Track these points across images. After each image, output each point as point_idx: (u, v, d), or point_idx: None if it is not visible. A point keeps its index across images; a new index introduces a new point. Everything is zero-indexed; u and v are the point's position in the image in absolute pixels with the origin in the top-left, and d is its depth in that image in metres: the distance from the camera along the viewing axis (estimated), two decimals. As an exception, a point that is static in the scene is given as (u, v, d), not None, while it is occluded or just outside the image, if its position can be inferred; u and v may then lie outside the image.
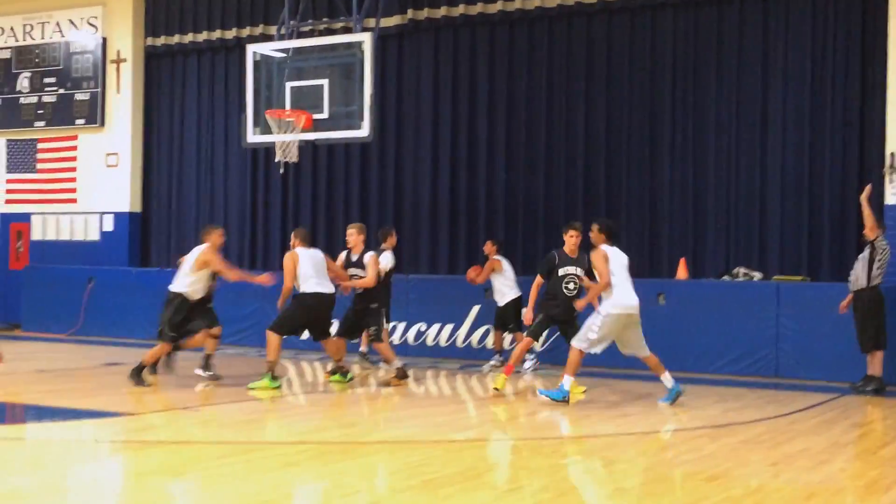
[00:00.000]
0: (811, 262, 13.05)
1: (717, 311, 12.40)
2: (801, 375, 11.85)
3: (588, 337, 9.71)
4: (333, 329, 11.33)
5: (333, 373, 11.15)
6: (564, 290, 10.59)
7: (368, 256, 11.35)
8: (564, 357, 12.93)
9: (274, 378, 10.49)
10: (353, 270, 11.33)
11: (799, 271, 12.91)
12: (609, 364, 12.55)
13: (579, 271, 10.58)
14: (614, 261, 9.76)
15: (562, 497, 6.17)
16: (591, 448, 7.78)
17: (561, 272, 10.62)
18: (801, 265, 13.06)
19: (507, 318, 12.57)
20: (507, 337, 12.82)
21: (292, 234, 11.14)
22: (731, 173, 13.60)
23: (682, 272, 13.16)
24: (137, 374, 10.57)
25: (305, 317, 10.79)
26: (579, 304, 10.20)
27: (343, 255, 11.59)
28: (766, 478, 6.84)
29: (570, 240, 10.71)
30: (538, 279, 10.88)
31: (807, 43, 13.18)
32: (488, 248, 12.97)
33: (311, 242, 11.09)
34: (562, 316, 10.65)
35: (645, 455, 7.67)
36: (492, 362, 12.64)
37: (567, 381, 9.66)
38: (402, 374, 11.22)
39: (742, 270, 13.01)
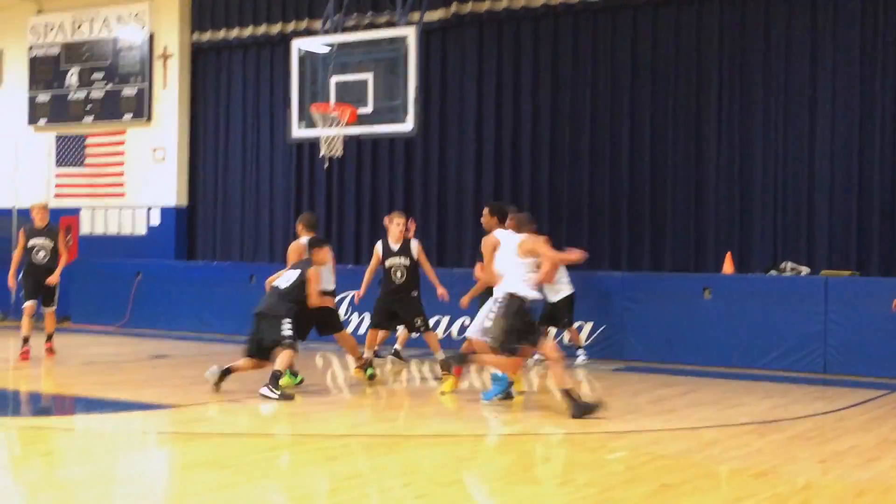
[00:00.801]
0: (860, 257, 12.87)
1: (764, 306, 12.27)
2: (849, 371, 11.70)
3: (485, 326, 9.24)
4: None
5: (363, 368, 10.96)
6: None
7: (416, 244, 11.33)
8: (612, 351, 13.01)
9: (293, 374, 10.24)
10: (394, 260, 11.30)
11: (847, 266, 12.73)
12: (654, 359, 12.50)
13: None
14: (506, 247, 9.30)
15: (608, 492, 6.14)
16: (638, 443, 7.74)
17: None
18: (850, 259, 12.88)
19: (559, 314, 12.42)
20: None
21: (297, 220, 10.79)
22: (779, 166, 13.44)
23: (728, 267, 13.04)
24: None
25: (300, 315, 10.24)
26: (463, 301, 9.71)
27: (379, 245, 11.53)
28: (814, 475, 6.77)
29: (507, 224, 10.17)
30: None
31: (856, 33, 12.98)
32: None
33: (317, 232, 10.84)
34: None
35: (691, 451, 7.61)
36: (580, 359, 12.54)
37: (497, 374, 9.38)
38: (445, 366, 11.23)
39: (789, 265, 12.86)
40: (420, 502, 5.92)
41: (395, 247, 11.28)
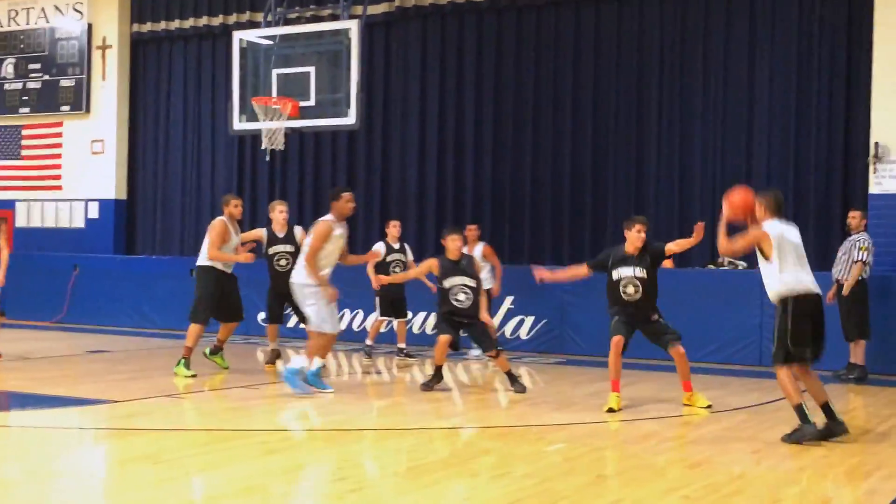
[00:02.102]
0: (796, 251, 13.07)
1: (702, 300, 12.43)
2: (784, 364, 11.87)
3: (322, 317, 9.40)
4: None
5: (213, 352, 11.02)
6: (623, 296, 9.08)
7: (300, 231, 11.27)
8: (553, 345, 13.11)
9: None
10: (280, 247, 11.29)
11: (783, 260, 12.92)
12: (594, 352, 12.60)
13: (639, 272, 9.06)
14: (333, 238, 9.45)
15: (545, 483, 6.19)
16: (575, 435, 7.81)
17: (615, 276, 9.14)
18: (786, 254, 13.08)
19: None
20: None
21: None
22: (717, 162, 13.64)
23: (667, 261, 13.15)
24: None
25: None
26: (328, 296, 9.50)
27: (263, 232, 11.49)
28: (748, 465, 6.89)
29: (633, 235, 9.14)
30: (585, 268, 9.56)
31: (793, 32, 13.22)
32: (474, 233, 12.84)
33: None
34: (632, 319, 9.13)
35: (628, 442, 7.70)
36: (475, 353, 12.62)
37: (317, 362, 9.44)
38: (272, 358, 11.47)
39: (727, 259, 13.05)
40: (356, 496, 5.93)
41: (280, 234, 11.31)
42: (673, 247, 9.33)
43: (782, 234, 7.62)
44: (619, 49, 14.22)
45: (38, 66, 17.84)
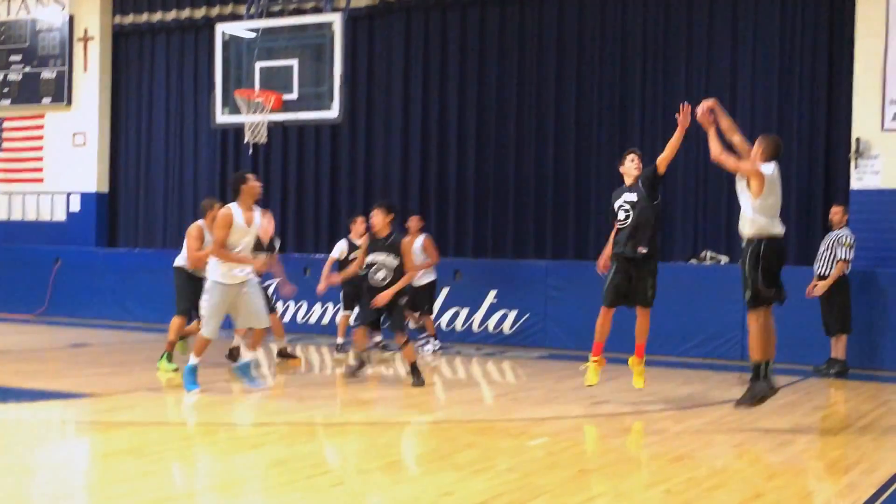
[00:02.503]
0: (778, 246, 13.14)
1: (684, 294, 12.47)
2: (766, 358, 11.93)
3: (208, 314, 8.97)
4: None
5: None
6: (617, 223, 8.79)
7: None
8: (536, 339, 13.13)
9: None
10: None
11: (765, 255, 12.98)
12: (577, 347, 12.64)
13: (630, 197, 8.80)
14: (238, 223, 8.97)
15: (527, 478, 6.21)
16: (558, 429, 7.83)
17: (615, 208, 8.86)
18: (768, 249, 13.13)
19: (422, 299, 12.52)
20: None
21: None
22: (700, 157, 13.64)
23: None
24: None
25: None
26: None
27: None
28: (729, 459, 6.93)
29: (626, 166, 9.08)
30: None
31: (774, 27, 13.26)
32: (416, 223, 12.81)
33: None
34: (623, 250, 8.74)
35: (611, 436, 7.73)
36: (429, 347, 12.55)
37: (193, 359, 9.13)
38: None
39: (709, 254, 13.10)
40: (339, 490, 5.93)
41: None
42: (664, 154, 9.13)
43: (774, 180, 7.99)
44: (601, 44, 14.23)
45: (19, 57, 17.72)
